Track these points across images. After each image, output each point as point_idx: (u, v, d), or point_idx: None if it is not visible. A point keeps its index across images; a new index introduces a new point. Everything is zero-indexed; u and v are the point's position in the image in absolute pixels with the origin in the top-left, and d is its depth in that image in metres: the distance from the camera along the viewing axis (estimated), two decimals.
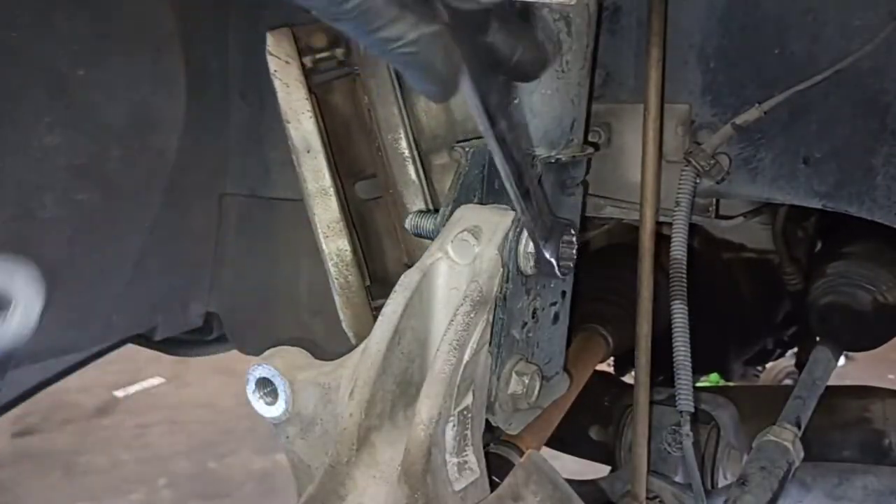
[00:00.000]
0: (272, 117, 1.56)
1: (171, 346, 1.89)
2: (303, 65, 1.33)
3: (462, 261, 0.96)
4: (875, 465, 1.43)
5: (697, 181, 1.21)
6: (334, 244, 1.32)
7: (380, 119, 1.26)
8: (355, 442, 0.89)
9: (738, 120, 1.17)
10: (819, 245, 1.95)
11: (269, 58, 1.31)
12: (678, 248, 1.18)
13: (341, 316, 1.35)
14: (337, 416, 0.91)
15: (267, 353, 0.99)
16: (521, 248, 0.97)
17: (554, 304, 1.08)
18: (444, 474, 0.90)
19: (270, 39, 1.32)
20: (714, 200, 1.29)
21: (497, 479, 0.94)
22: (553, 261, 0.97)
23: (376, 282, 1.38)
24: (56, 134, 1.49)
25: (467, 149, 1.05)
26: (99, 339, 1.64)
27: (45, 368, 1.64)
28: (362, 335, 1.00)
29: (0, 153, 1.44)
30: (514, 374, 1.01)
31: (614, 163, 1.30)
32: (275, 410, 0.95)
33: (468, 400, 0.92)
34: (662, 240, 1.22)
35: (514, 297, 0.98)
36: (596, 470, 1.61)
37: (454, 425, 0.91)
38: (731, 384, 2.34)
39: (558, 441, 1.54)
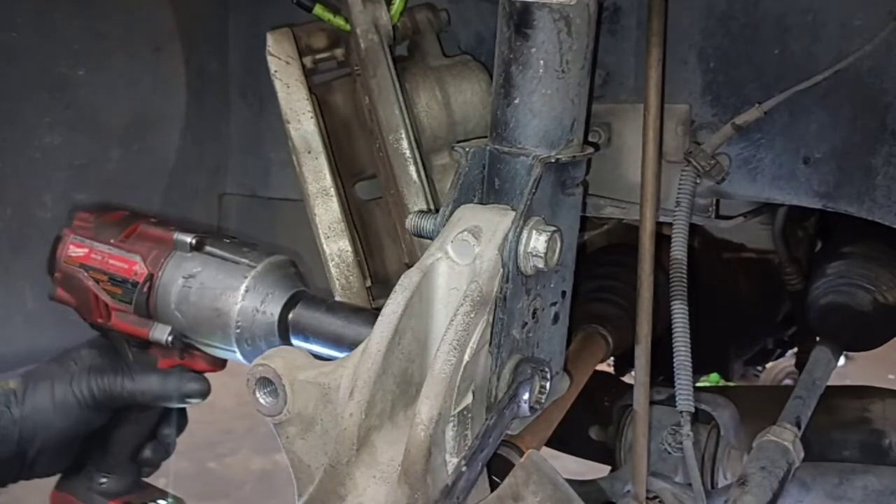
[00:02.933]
0: (272, 117, 1.57)
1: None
2: (303, 65, 1.33)
3: (462, 261, 0.96)
4: (875, 465, 1.42)
5: (697, 181, 1.21)
6: (335, 245, 1.32)
7: (381, 119, 1.26)
8: (355, 442, 0.89)
9: (738, 120, 1.17)
10: (819, 245, 1.95)
11: (269, 58, 1.31)
12: (678, 248, 1.18)
13: None
14: (337, 416, 0.91)
15: (267, 352, 0.99)
16: (522, 248, 0.97)
17: (554, 304, 1.08)
18: (445, 474, 0.90)
19: (270, 40, 1.32)
20: (714, 200, 1.29)
21: (497, 479, 0.94)
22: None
23: (377, 282, 1.38)
24: (56, 134, 1.49)
25: (467, 149, 1.05)
26: None
27: None
28: None
29: (0, 153, 1.44)
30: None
31: (614, 163, 1.30)
32: (275, 410, 0.95)
33: (468, 400, 0.92)
34: (662, 240, 1.22)
35: (515, 297, 0.98)
36: (596, 470, 1.61)
37: (454, 425, 0.91)
38: (731, 384, 2.34)
39: (558, 441, 1.54)
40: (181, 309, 1.17)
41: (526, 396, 0.97)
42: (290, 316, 1.14)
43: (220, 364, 1.26)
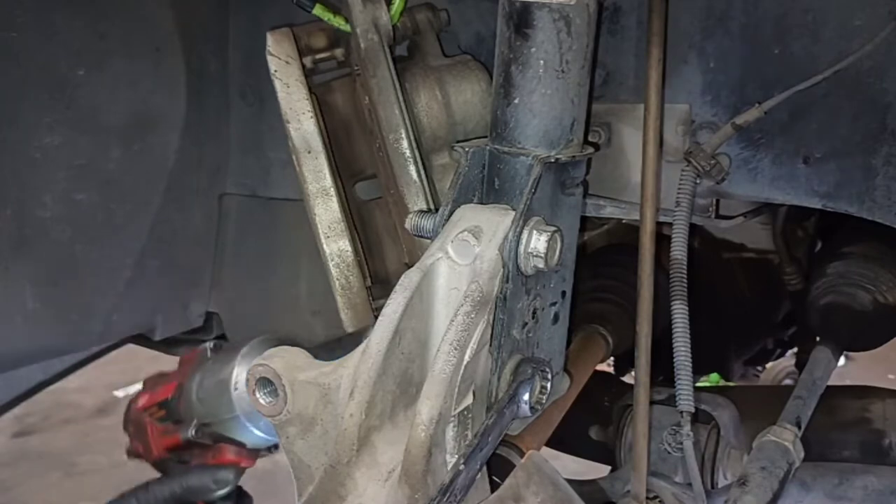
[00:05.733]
0: (272, 117, 1.56)
1: (171, 345, 1.90)
2: (303, 65, 1.33)
3: (462, 261, 0.96)
4: (875, 465, 1.42)
5: (697, 181, 1.21)
6: (335, 245, 1.32)
7: (380, 119, 1.26)
8: (355, 442, 0.89)
9: (738, 120, 1.17)
10: (819, 245, 1.95)
11: (269, 58, 1.31)
12: (678, 248, 1.18)
13: (342, 316, 1.35)
14: (337, 417, 0.91)
15: (267, 353, 0.99)
16: (522, 248, 0.97)
17: (554, 304, 1.08)
18: (445, 475, 0.90)
19: (270, 40, 1.32)
20: (714, 200, 1.29)
21: (498, 480, 0.94)
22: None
23: (377, 282, 1.38)
24: (56, 134, 1.49)
25: (467, 149, 1.05)
26: (99, 339, 1.64)
27: (45, 368, 1.64)
28: None
29: (0, 153, 1.44)
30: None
31: (614, 163, 1.30)
32: (275, 410, 0.95)
33: (468, 400, 0.92)
34: (662, 240, 1.22)
35: (515, 298, 0.98)
36: (596, 470, 1.61)
37: (455, 426, 0.91)
38: (731, 384, 2.34)
39: (558, 441, 1.53)
40: (199, 396, 1.41)
41: (526, 397, 0.97)
42: None
43: (245, 455, 1.45)
